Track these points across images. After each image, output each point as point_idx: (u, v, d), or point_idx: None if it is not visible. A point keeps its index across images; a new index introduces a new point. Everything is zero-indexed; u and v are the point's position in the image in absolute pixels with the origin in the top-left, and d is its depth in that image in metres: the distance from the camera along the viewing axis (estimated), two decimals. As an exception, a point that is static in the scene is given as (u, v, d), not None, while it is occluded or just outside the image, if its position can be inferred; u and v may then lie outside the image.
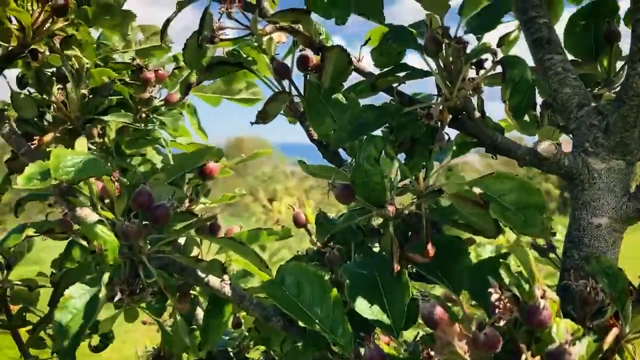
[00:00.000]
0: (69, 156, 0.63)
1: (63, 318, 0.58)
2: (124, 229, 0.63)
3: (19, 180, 0.71)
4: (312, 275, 0.64)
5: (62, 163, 0.62)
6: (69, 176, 0.62)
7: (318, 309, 0.62)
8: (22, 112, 0.85)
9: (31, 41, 0.80)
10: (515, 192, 0.62)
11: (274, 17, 0.72)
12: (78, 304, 0.59)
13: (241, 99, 1.09)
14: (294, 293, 0.64)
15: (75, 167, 0.63)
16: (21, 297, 1.12)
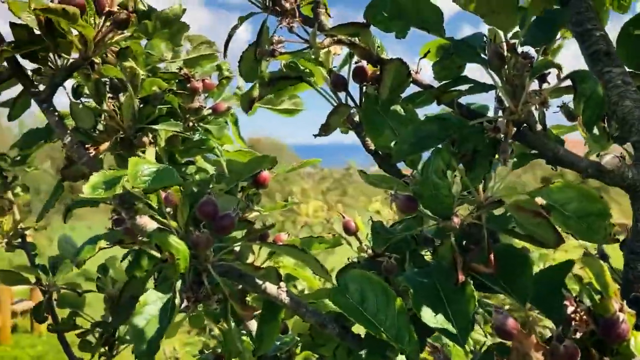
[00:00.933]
0: (145, 165, 0.65)
1: (139, 323, 0.59)
2: (194, 239, 0.65)
3: (85, 189, 0.73)
4: (375, 284, 0.65)
5: (139, 172, 0.64)
6: (145, 185, 0.64)
7: (383, 316, 0.64)
8: (80, 122, 0.88)
9: (92, 54, 0.82)
10: (577, 201, 0.62)
11: (332, 30, 0.73)
12: (153, 310, 0.61)
13: (283, 109, 1.10)
14: (358, 301, 0.65)
15: (151, 176, 0.65)
16: (68, 301, 1.15)
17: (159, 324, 0.60)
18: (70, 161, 0.97)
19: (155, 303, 0.61)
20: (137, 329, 0.59)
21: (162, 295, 0.62)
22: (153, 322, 0.60)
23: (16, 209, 1.29)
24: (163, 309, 0.61)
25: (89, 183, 0.75)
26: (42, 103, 0.83)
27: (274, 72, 0.77)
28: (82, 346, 1.09)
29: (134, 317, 0.59)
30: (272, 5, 0.78)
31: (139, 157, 0.67)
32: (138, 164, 0.65)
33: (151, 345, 0.58)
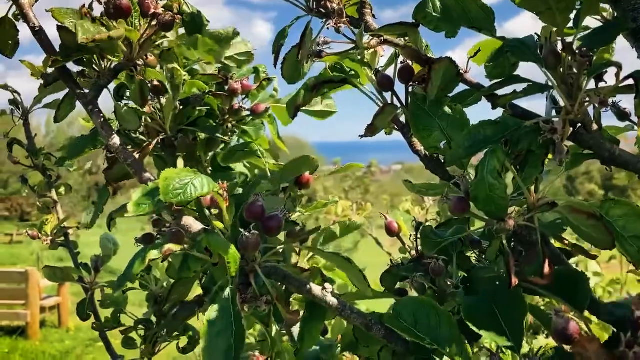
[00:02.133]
0: (177, 178, 0.65)
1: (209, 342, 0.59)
2: (243, 241, 0.65)
3: (130, 208, 0.74)
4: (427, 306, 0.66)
5: (171, 186, 0.64)
6: (177, 198, 0.64)
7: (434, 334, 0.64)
8: (125, 124, 0.89)
9: (136, 56, 0.83)
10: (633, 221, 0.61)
11: (380, 30, 0.73)
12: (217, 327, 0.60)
13: (317, 111, 1.10)
14: (411, 324, 0.66)
15: (184, 189, 0.64)
16: (111, 300, 1.16)
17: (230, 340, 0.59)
18: (112, 163, 0.98)
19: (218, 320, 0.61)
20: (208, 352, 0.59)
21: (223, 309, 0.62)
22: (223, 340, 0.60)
23: (60, 207, 1.31)
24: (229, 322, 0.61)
25: (132, 201, 0.75)
26: (88, 105, 0.84)
27: (318, 77, 0.77)
28: (125, 343, 1.10)
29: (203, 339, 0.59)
30: (316, 7, 0.77)
31: (171, 169, 0.66)
32: (169, 178, 0.65)
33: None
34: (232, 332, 0.62)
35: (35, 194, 1.33)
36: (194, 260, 0.67)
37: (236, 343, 0.61)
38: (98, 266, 1.24)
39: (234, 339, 0.61)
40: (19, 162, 1.32)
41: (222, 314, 0.63)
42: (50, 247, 1.29)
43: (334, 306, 0.78)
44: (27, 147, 1.32)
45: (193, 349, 1.12)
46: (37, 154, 1.31)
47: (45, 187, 1.33)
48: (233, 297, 0.64)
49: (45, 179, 1.33)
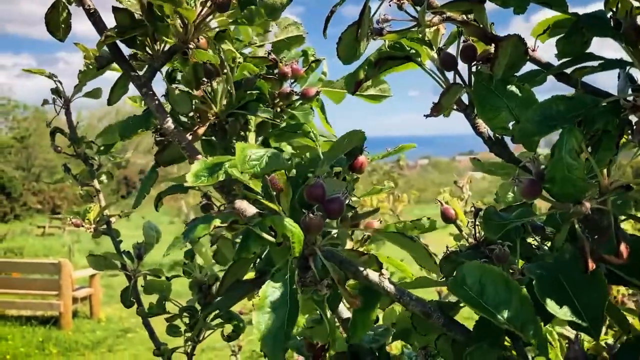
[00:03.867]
0: (252, 150, 0.64)
1: (262, 318, 0.58)
2: (306, 222, 0.63)
3: (188, 178, 0.73)
4: (495, 275, 0.62)
5: (247, 157, 0.63)
6: (254, 170, 0.63)
7: (504, 308, 0.61)
8: (177, 107, 0.88)
9: (191, 37, 0.82)
10: None
11: (443, 7, 0.70)
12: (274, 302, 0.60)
13: (370, 95, 1.08)
14: (477, 293, 0.62)
15: (259, 161, 0.63)
16: (154, 287, 1.16)
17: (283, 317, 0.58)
18: (163, 146, 0.98)
19: (274, 295, 0.60)
20: (261, 325, 0.57)
21: (280, 285, 0.61)
22: (275, 315, 0.59)
23: (102, 196, 1.32)
24: (284, 300, 0.60)
25: (191, 172, 0.74)
26: (142, 87, 0.84)
27: (381, 52, 0.74)
28: (170, 331, 1.10)
29: (257, 312, 0.58)
30: (374, -17, 0.75)
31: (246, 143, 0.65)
32: (245, 149, 0.64)
33: (276, 341, 0.57)
34: (287, 310, 0.60)
35: (77, 182, 1.33)
36: (255, 240, 0.66)
37: (289, 321, 0.60)
38: (141, 254, 1.24)
39: (287, 316, 0.60)
40: (61, 151, 1.32)
41: (278, 290, 0.62)
42: (93, 235, 1.29)
43: (391, 292, 0.76)
44: (70, 135, 1.32)
45: (237, 337, 1.12)
46: (80, 142, 1.31)
47: (87, 175, 1.33)
48: (291, 275, 0.63)
49: (87, 168, 1.33)
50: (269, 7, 0.80)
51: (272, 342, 0.58)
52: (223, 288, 0.72)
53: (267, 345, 0.57)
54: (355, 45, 0.80)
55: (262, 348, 0.57)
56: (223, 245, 1.07)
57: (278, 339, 0.57)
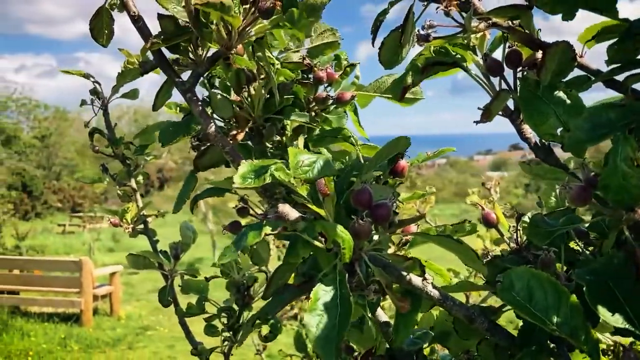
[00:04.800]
0: (304, 156, 0.65)
1: (313, 320, 0.59)
2: (356, 228, 0.64)
3: (236, 179, 0.75)
4: (543, 280, 0.63)
5: (300, 162, 0.64)
6: (306, 175, 0.64)
7: (554, 314, 0.61)
8: (219, 112, 0.89)
9: (235, 43, 0.83)
10: None
11: (490, 13, 0.71)
12: (326, 304, 0.60)
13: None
14: (525, 298, 0.62)
15: (312, 166, 0.64)
16: (192, 287, 1.18)
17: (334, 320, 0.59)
18: (203, 151, 0.99)
19: (325, 297, 0.61)
20: (313, 326, 0.58)
21: (331, 288, 0.62)
22: (326, 318, 0.59)
23: (138, 196, 1.34)
24: (335, 303, 0.60)
25: (239, 173, 0.76)
26: (186, 93, 0.85)
27: (429, 58, 0.75)
28: (208, 330, 1.12)
29: (308, 314, 0.59)
30: (418, -11, 0.76)
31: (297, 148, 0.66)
32: (298, 154, 0.65)
33: (329, 342, 0.58)
34: (337, 312, 0.61)
35: (115, 182, 1.36)
36: (303, 245, 0.67)
37: (341, 322, 0.61)
38: (178, 253, 1.26)
39: (338, 319, 0.61)
40: (100, 151, 1.35)
41: (329, 293, 0.63)
42: (131, 234, 1.31)
43: (435, 297, 0.76)
44: (108, 136, 1.34)
45: (274, 338, 1.13)
46: (118, 143, 1.33)
47: (125, 175, 1.35)
48: (341, 278, 0.63)
49: (125, 168, 1.35)
50: (309, 8, 0.81)
51: (324, 343, 0.58)
52: (269, 291, 0.73)
53: (320, 346, 0.58)
54: (397, 51, 0.81)
55: (315, 348, 0.58)
56: (259, 246, 1.09)
57: (331, 340, 0.58)
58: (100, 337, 8.08)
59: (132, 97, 1.38)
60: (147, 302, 10.25)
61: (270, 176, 0.75)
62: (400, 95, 0.76)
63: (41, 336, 7.86)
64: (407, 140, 0.79)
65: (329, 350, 0.58)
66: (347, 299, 0.60)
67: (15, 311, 8.88)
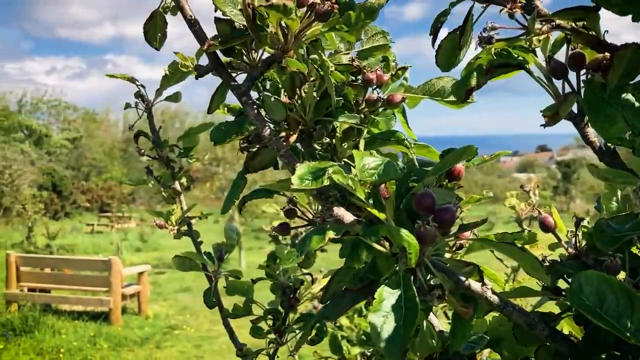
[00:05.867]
0: (369, 158, 0.65)
1: (377, 321, 0.59)
2: (422, 233, 0.63)
3: (294, 181, 0.75)
4: (614, 286, 0.61)
5: (366, 165, 0.64)
6: (372, 178, 0.64)
7: (627, 320, 0.59)
8: (272, 115, 0.89)
9: (291, 46, 0.83)
10: None
11: (554, 15, 0.69)
12: (390, 306, 0.60)
13: (452, 100, 1.07)
14: (596, 303, 0.61)
15: (377, 169, 0.64)
16: (236, 288, 1.18)
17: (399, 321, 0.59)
18: (254, 154, 1.00)
19: (390, 299, 0.61)
20: (377, 327, 0.58)
21: (395, 290, 0.61)
22: (391, 318, 0.59)
23: (182, 198, 1.35)
24: (399, 305, 0.60)
25: (296, 174, 0.76)
26: (242, 96, 0.86)
27: (492, 60, 0.74)
28: (254, 332, 1.12)
29: (373, 315, 0.59)
30: (478, -9, 0.75)
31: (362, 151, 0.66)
32: (363, 157, 0.65)
33: (395, 342, 0.57)
34: (402, 314, 0.61)
35: (159, 185, 1.37)
36: (366, 250, 0.66)
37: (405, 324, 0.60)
38: (222, 255, 1.27)
39: (403, 321, 0.60)
40: (145, 154, 1.36)
41: (394, 295, 0.62)
42: (175, 236, 1.33)
43: (494, 303, 0.75)
44: (153, 139, 1.36)
45: (321, 340, 1.13)
46: (163, 146, 1.35)
47: (169, 178, 1.37)
48: (406, 281, 0.63)
49: (169, 171, 1.37)
50: (367, 10, 0.81)
51: (390, 343, 0.58)
52: (327, 295, 0.73)
53: (385, 347, 0.58)
54: (455, 53, 0.80)
55: (381, 348, 0.58)
56: (308, 250, 1.09)
57: (396, 341, 0.58)
58: (129, 336, 8.19)
59: (175, 100, 1.40)
60: (174, 302, 10.37)
61: (328, 179, 0.75)
62: (464, 98, 0.75)
63: (71, 334, 8.01)
64: (474, 149, 0.78)
65: (394, 351, 0.58)
66: (413, 301, 0.60)
67: (47, 309, 9.06)
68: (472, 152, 0.77)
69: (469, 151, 0.77)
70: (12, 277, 9.19)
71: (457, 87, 0.75)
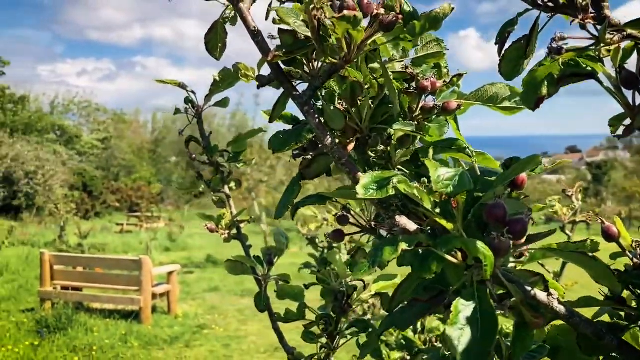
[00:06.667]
0: (443, 169, 0.66)
1: (454, 333, 0.60)
2: (497, 245, 0.64)
3: (359, 190, 0.76)
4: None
5: (440, 176, 0.65)
6: (447, 189, 0.64)
7: None
8: (332, 123, 0.91)
9: (353, 56, 0.84)
10: None
11: (627, 26, 0.69)
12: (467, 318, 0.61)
13: (505, 107, 1.07)
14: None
15: (452, 180, 0.65)
16: (287, 293, 1.20)
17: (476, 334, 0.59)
18: (309, 161, 1.01)
19: (465, 311, 0.61)
20: (455, 339, 0.59)
21: (471, 302, 0.62)
22: (468, 331, 0.60)
23: (232, 202, 1.37)
24: (475, 317, 0.61)
25: (361, 184, 0.77)
26: (304, 106, 0.87)
27: (565, 70, 0.74)
28: (305, 337, 1.14)
29: (450, 327, 0.59)
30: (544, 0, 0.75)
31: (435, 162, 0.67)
32: (438, 168, 0.66)
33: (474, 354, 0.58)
34: (479, 327, 0.61)
35: (209, 189, 1.40)
36: (435, 260, 0.67)
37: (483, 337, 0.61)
38: (271, 259, 1.28)
39: (480, 333, 0.61)
40: (196, 159, 1.39)
41: (469, 307, 0.63)
42: (225, 240, 1.35)
43: (561, 313, 0.75)
44: (204, 144, 1.39)
45: (372, 348, 1.14)
46: (213, 151, 1.37)
47: (219, 182, 1.39)
48: (481, 293, 0.63)
49: (219, 176, 1.39)
50: (432, 20, 0.81)
51: (468, 356, 0.59)
52: (394, 304, 0.74)
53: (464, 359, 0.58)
54: (520, 62, 0.80)
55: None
56: (362, 257, 1.10)
57: (474, 353, 0.58)
58: (159, 335, 8.30)
59: (224, 106, 1.42)
60: (202, 302, 10.48)
61: (393, 188, 0.76)
62: (535, 106, 0.75)
63: (103, 332, 8.15)
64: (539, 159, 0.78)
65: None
66: (490, 313, 0.60)
67: (79, 307, 9.23)
68: (537, 162, 0.77)
69: (534, 161, 0.77)
70: (47, 276, 9.39)
71: (527, 95, 0.74)
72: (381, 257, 0.64)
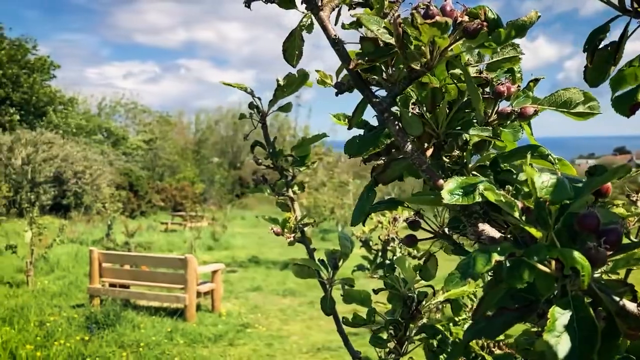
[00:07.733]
0: (545, 176, 0.66)
1: (551, 340, 0.59)
2: (594, 255, 0.63)
3: (444, 195, 0.76)
4: None
5: (543, 182, 0.65)
6: (550, 196, 0.64)
7: None
8: (411, 130, 0.91)
9: (435, 63, 0.84)
10: None
11: None
12: (564, 326, 0.60)
13: (577, 112, 1.05)
14: None
15: (553, 187, 0.65)
16: (353, 297, 1.20)
17: (574, 341, 0.59)
18: (384, 167, 1.01)
19: (562, 319, 0.61)
20: (551, 347, 0.58)
21: (566, 311, 0.62)
22: (565, 338, 0.59)
23: (296, 205, 1.39)
24: (572, 326, 0.60)
25: (446, 189, 0.77)
26: (383, 113, 0.87)
27: (659, 77, 0.73)
28: (374, 341, 1.14)
29: (547, 334, 0.59)
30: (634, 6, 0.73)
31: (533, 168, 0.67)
32: (541, 175, 0.66)
33: None
34: (576, 335, 0.61)
35: (274, 193, 1.42)
36: (527, 269, 0.66)
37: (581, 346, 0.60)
38: (336, 263, 1.29)
39: (578, 342, 0.60)
40: (261, 163, 1.41)
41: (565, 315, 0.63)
42: (289, 243, 1.36)
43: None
44: (269, 149, 1.41)
45: (442, 352, 1.13)
46: (278, 156, 1.39)
47: (283, 186, 1.41)
48: (578, 303, 0.63)
49: (283, 179, 1.41)
50: (518, 27, 0.81)
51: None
52: (480, 312, 0.74)
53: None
54: (605, 69, 0.79)
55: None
56: (432, 263, 1.09)
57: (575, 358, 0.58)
58: (203, 333, 8.43)
59: (287, 110, 1.44)
60: (245, 300, 10.60)
61: (479, 195, 0.76)
62: (630, 112, 0.74)
63: (150, 328, 8.33)
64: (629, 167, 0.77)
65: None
66: (589, 322, 0.60)
67: (127, 304, 9.47)
68: (626, 170, 0.75)
69: (623, 169, 0.75)
70: (95, 273, 9.67)
71: (620, 102, 0.73)
72: (474, 269, 0.64)
